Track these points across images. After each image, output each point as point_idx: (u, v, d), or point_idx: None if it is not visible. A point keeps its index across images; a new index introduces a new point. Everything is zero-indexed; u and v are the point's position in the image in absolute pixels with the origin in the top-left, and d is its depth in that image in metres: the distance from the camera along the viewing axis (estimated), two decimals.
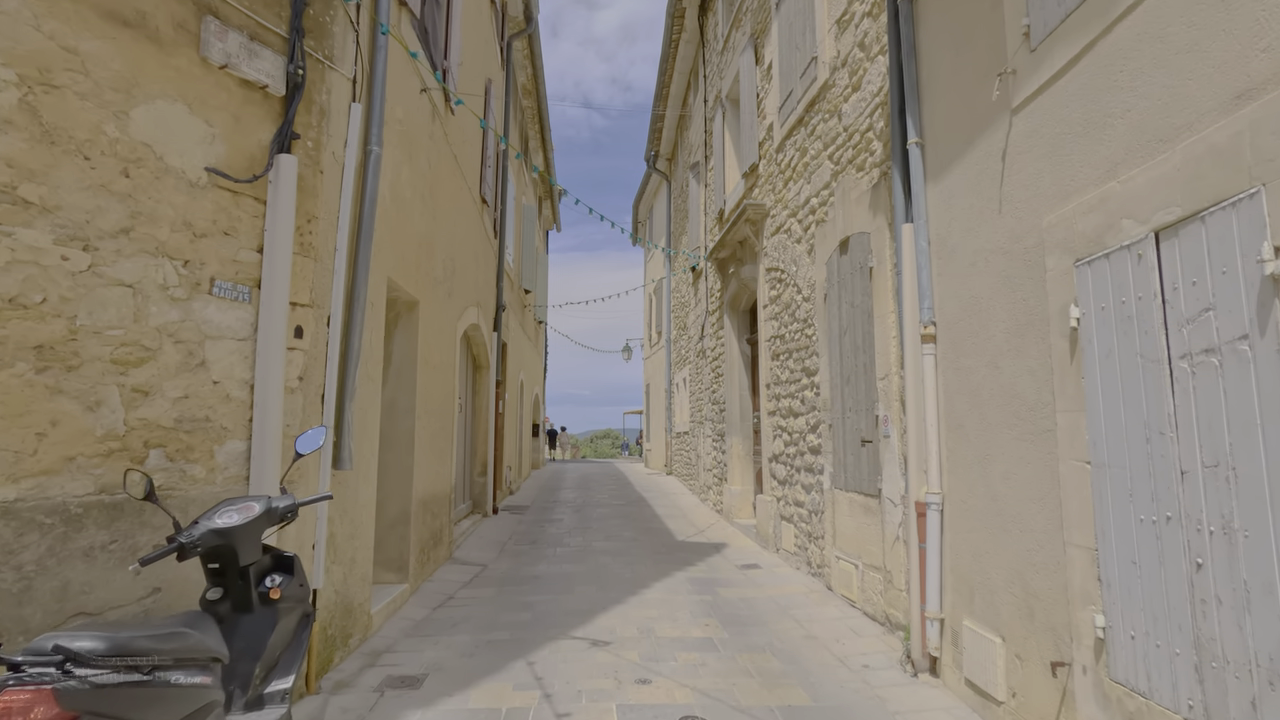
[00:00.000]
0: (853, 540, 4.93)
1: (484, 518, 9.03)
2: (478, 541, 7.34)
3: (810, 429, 5.92)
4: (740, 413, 8.70)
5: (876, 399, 4.58)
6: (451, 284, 6.37)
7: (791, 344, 6.43)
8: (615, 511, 9.86)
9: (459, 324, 6.76)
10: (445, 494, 6.19)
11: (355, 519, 3.88)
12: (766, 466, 7.16)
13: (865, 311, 4.78)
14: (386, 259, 4.36)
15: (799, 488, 6.19)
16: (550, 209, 19.06)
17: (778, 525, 6.74)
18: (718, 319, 9.62)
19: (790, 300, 6.47)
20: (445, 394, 6.18)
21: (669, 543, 7.44)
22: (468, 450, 8.70)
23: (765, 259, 7.28)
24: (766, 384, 7.20)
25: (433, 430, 5.68)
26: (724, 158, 9.26)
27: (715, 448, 9.80)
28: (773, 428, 7.00)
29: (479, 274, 8.11)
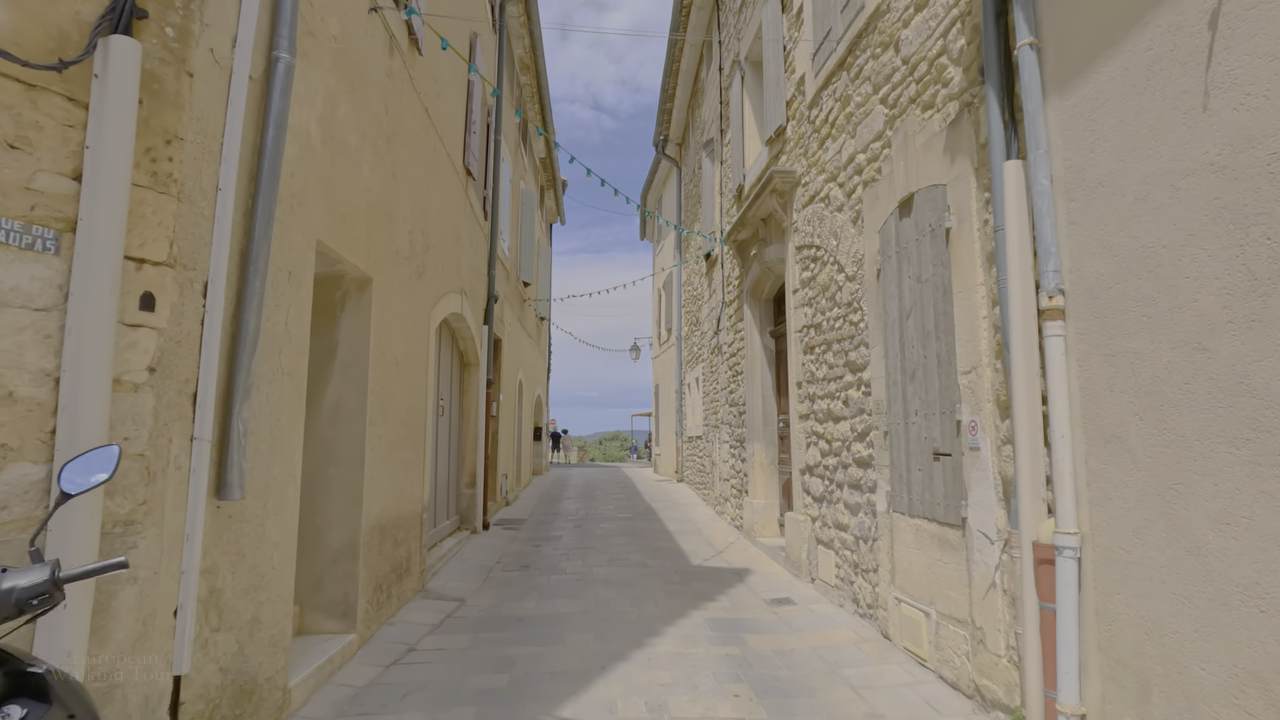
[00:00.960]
0: (921, 580, 3.85)
1: (472, 534, 7.99)
2: (460, 566, 6.29)
3: (856, 436, 4.84)
4: (763, 416, 7.62)
5: (958, 399, 3.50)
6: (422, 263, 5.33)
7: (830, 334, 5.35)
8: (621, 527, 8.80)
9: (434, 312, 5.72)
10: (414, 514, 5.15)
11: (258, 565, 2.83)
12: (798, 479, 6.08)
13: (939, 286, 3.70)
14: (315, 216, 3.32)
15: (841, 507, 5.11)
16: (554, 200, 18.04)
17: (813, 550, 5.66)
18: (736, 310, 8.54)
19: (828, 281, 5.40)
20: (413, 394, 5.14)
21: (683, 568, 6.37)
22: (453, 459, 7.66)
23: (795, 235, 6.20)
24: (798, 382, 6.13)
25: (394, 438, 4.63)
26: (743, 128, 8.19)
27: (733, 455, 8.73)
28: (805, 434, 5.92)
29: (463, 257, 7.07)
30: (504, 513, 10.05)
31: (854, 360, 4.90)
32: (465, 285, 7.20)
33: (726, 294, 9.12)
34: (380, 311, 4.32)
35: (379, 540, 4.34)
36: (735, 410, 8.64)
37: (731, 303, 8.82)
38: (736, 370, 8.59)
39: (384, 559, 4.44)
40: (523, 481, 13.20)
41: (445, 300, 6.17)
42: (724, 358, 9.34)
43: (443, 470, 7.08)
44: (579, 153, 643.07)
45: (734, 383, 8.74)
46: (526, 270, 12.33)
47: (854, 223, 4.93)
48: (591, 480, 16.34)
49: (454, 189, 6.51)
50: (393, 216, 4.56)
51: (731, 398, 8.85)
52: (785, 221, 6.41)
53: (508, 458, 11.03)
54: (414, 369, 5.13)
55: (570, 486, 14.63)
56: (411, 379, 5.06)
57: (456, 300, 6.67)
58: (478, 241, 8.00)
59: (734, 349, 8.71)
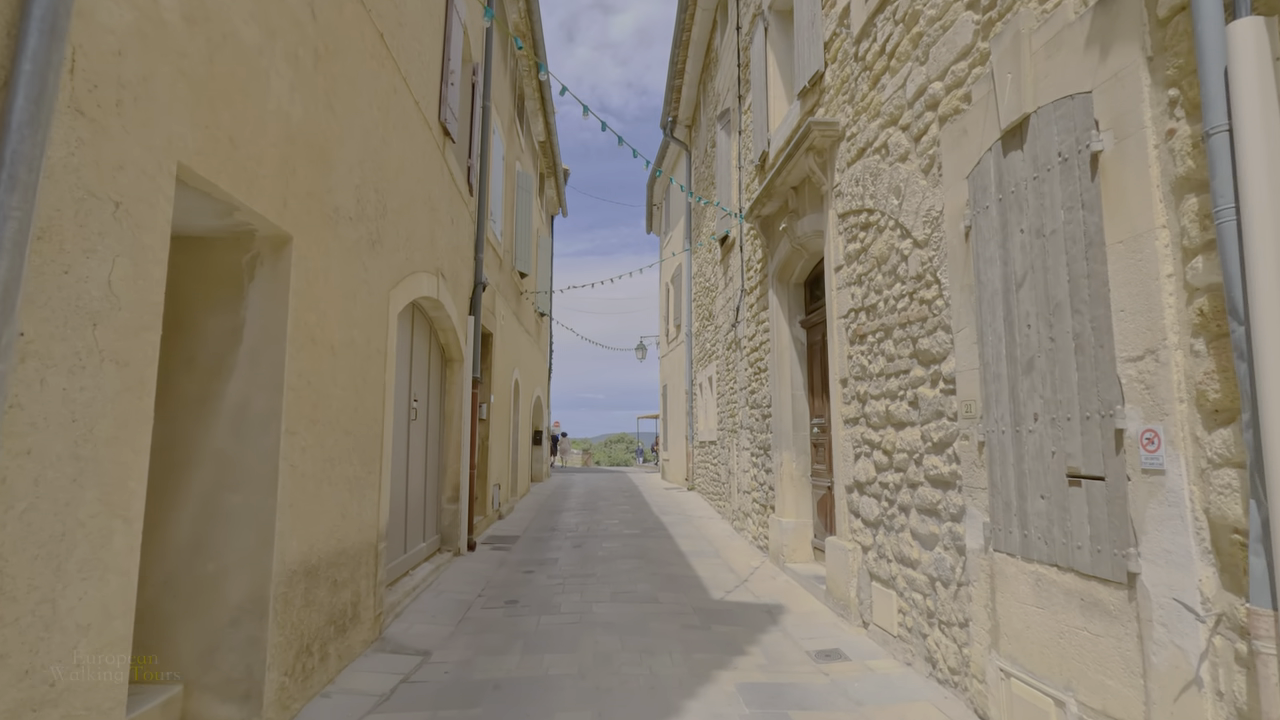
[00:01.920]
0: (1047, 653, 2.75)
1: (455, 557, 6.91)
2: (432, 602, 5.21)
3: (931, 448, 3.74)
4: (793, 420, 6.51)
5: (1118, 398, 2.41)
6: (377, 229, 4.26)
7: (889, 317, 4.25)
8: (627, 546, 7.70)
9: (396, 292, 4.65)
10: (364, 546, 4.07)
11: (37, 669, 1.75)
12: (843, 498, 4.98)
13: (1078, 238, 2.61)
14: (175, 129, 2.24)
15: (907, 537, 4.01)
16: (555, 189, 16.99)
17: (865, 587, 4.56)
18: (759, 297, 7.45)
19: (886, 252, 4.30)
20: (364, 393, 4.06)
21: (702, 603, 5.27)
22: (431, 470, 6.58)
23: (837, 201, 5.11)
24: (842, 379, 5.02)
25: (331, 451, 3.56)
26: (766, 88, 7.10)
27: (755, 464, 7.62)
28: (853, 442, 4.82)
29: (440, 232, 6.00)
30: (495, 528, 8.96)
31: (926, 349, 3.80)
32: (443, 266, 6.12)
33: (746, 280, 8.02)
34: (307, 283, 3.25)
35: (306, 586, 3.26)
36: (758, 413, 7.54)
37: (753, 289, 7.72)
38: (759, 367, 7.49)
39: (314, 610, 3.36)
40: (519, 491, 12.12)
41: (413, 280, 5.09)
42: (743, 353, 8.24)
43: (415, 485, 6.00)
44: (584, 155, 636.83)
45: (756, 381, 7.64)
46: (523, 260, 11.27)
47: (925, 172, 3.84)
48: (595, 488, 15.25)
49: (425, 148, 5.44)
50: (328, 161, 3.48)
51: (753, 398, 7.75)
52: (824, 185, 5.31)
53: (501, 466, 9.95)
54: (365, 362, 4.05)
55: (571, 496, 13.54)
56: (360, 374, 3.98)
57: (430, 282, 5.59)
58: (460, 218, 6.93)
59: (756, 342, 7.61)
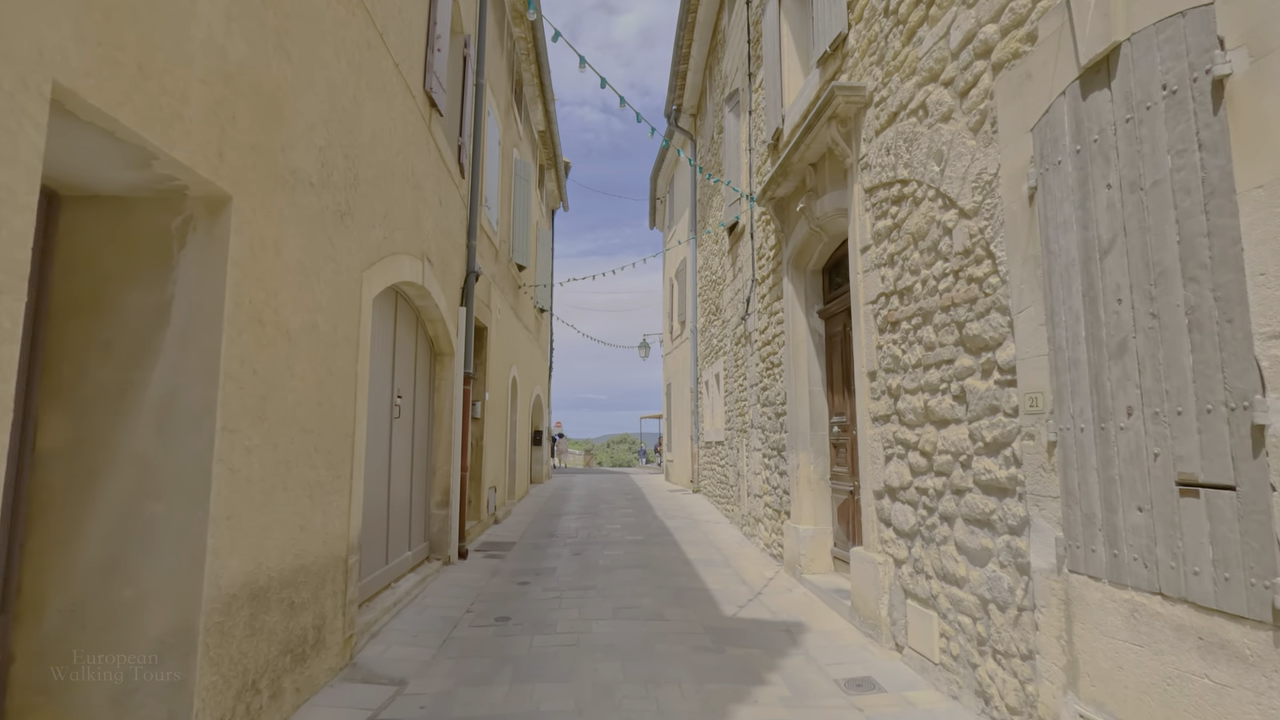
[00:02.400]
0: (1149, 702, 2.23)
1: (444, 566, 6.40)
2: (415, 620, 4.70)
3: (983, 448, 3.22)
4: (810, 418, 5.99)
5: (1256, 387, 1.90)
6: (347, 201, 3.75)
7: (929, 300, 3.74)
8: (630, 554, 7.18)
9: (371, 274, 4.14)
10: (330, 561, 3.56)
11: None
12: (870, 504, 4.46)
13: (1199, 187, 2.09)
14: (49, 37, 1.73)
15: (951, 551, 3.49)
16: (555, 182, 16.49)
17: (898, 605, 4.04)
18: (772, 286, 6.93)
19: (924, 226, 3.78)
20: (329, 386, 3.55)
21: (713, 621, 4.76)
22: (418, 472, 6.07)
23: (864, 174, 4.59)
24: (870, 372, 4.51)
25: (287, 452, 3.05)
26: (780, 60, 6.58)
27: (768, 466, 7.10)
28: (884, 442, 4.30)
29: (425, 213, 5.49)
30: (490, 534, 8.46)
31: (976, 335, 3.28)
32: (429, 250, 5.62)
33: (758, 269, 7.50)
34: (252, 253, 2.74)
35: (251, 612, 2.75)
36: (770, 411, 7.02)
37: (765, 278, 7.21)
38: (771, 362, 6.97)
39: (262, 640, 2.85)
40: (517, 493, 11.61)
41: (393, 262, 4.59)
42: (754, 348, 7.72)
43: (399, 489, 5.49)
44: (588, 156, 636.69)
45: (768, 377, 7.12)
46: (521, 252, 10.76)
47: (974, 131, 3.32)
48: (597, 490, 14.74)
49: (407, 118, 4.93)
50: (280, 112, 2.98)
51: (765, 396, 7.23)
52: (848, 158, 4.79)
53: (497, 467, 9.45)
54: (331, 351, 3.55)
55: (572, 499, 13.02)
56: (325, 364, 3.47)
57: (413, 266, 5.08)
58: (450, 200, 6.42)
59: (768, 335, 7.10)
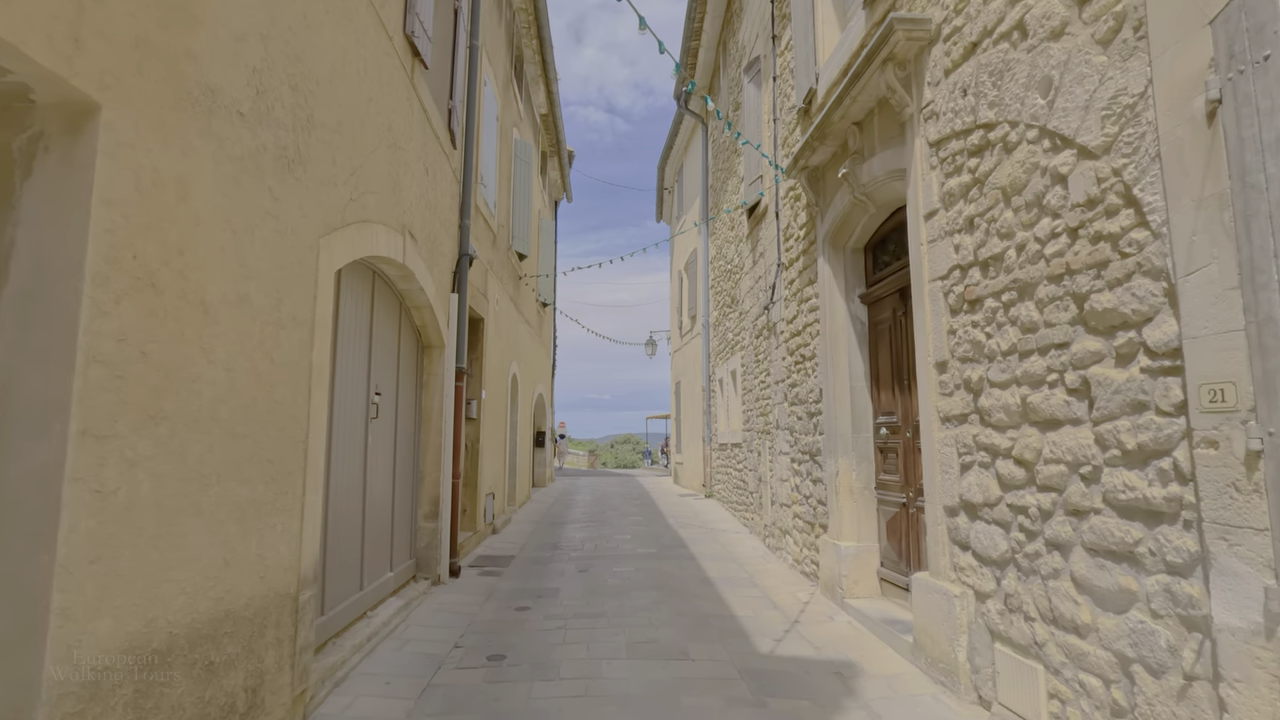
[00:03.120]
0: None
1: (433, 587, 5.64)
2: (391, 659, 3.94)
3: (1121, 456, 2.44)
4: (852, 418, 5.21)
5: None
6: (297, 145, 2.98)
7: (1029, 269, 2.96)
8: (643, 571, 6.41)
9: (331, 242, 3.36)
10: (270, 602, 2.79)
11: None
12: (943, 523, 3.67)
13: None
14: None
15: (1068, 588, 2.71)
16: (558, 171, 15.73)
17: (983, 649, 3.26)
18: (802, 270, 6.15)
19: (1022, 176, 3.00)
20: (271, 378, 2.78)
21: (748, 660, 3.98)
22: (401, 480, 5.30)
23: (929, 125, 3.81)
24: (938, 362, 3.72)
25: (200, 465, 2.28)
26: (813, 11, 5.79)
27: (798, 472, 6.32)
28: (960, 447, 3.51)
29: (408, 180, 4.73)
30: (488, 545, 7.69)
31: (1110, 308, 2.50)
32: (412, 224, 4.85)
33: (785, 252, 6.72)
34: (138, 189, 1.98)
35: (138, 689, 1.99)
36: (801, 410, 6.24)
37: (793, 262, 6.42)
38: (802, 355, 6.19)
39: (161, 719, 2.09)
40: (518, 499, 10.84)
41: (364, 232, 3.82)
42: (779, 340, 6.94)
43: (377, 500, 4.73)
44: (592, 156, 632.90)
45: (798, 372, 6.34)
46: (521, 239, 10.00)
47: (1104, 44, 2.54)
48: (603, 495, 13.97)
49: (381, 62, 4.17)
50: (189, 6, 2.21)
51: (794, 393, 6.44)
52: (908, 107, 4.01)
53: (495, 472, 8.68)
54: (272, 333, 2.78)
55: (576, 505, 12.25)
56: (263, 349, 2.70)
57: (391, 240, 4.32)
58: (438, 170, 5.65)
59: (798, 326, 6.31)
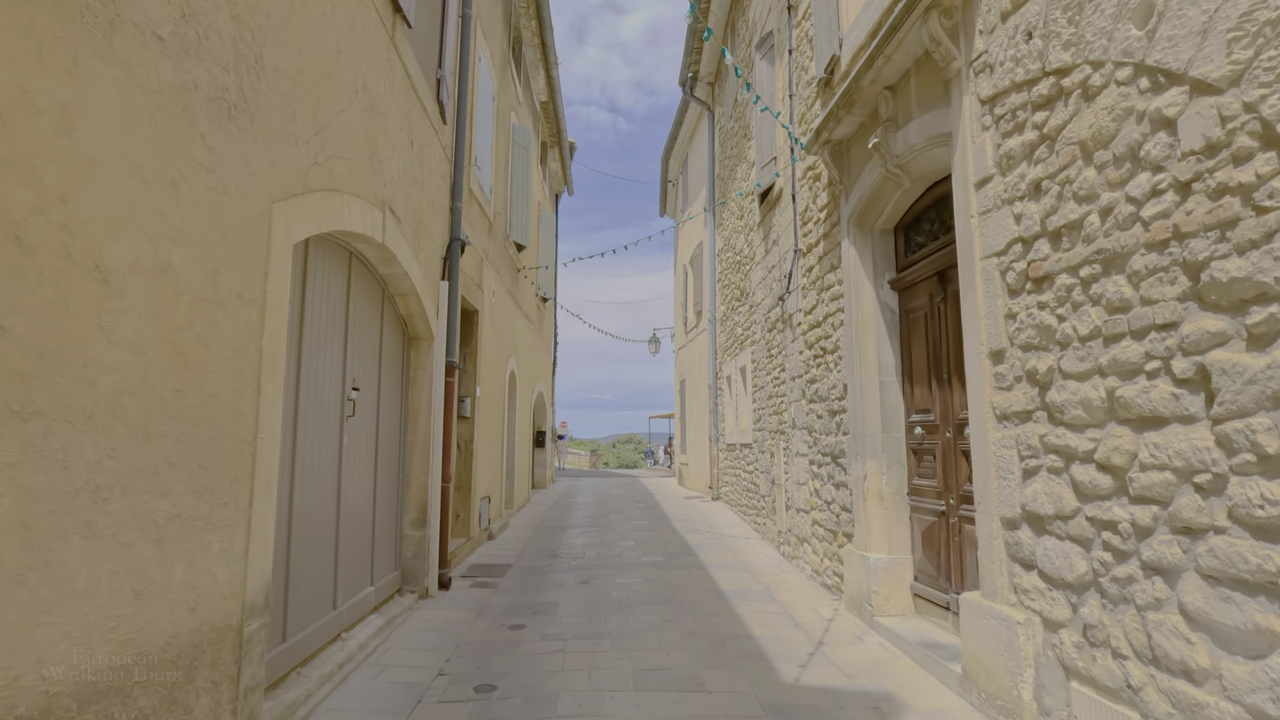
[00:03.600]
0: None
1: (420, 600, 5.15)
2: (363, 692, 3.45)
3: (1256, 464, 1.94)
4: (881, 417, 4.72)
5: None
6: (240, 89, 2.49)
7: (1118, 236, 2.47)
8: (650, 582, 5.92)
9: (289, 209, 2.87)
10: (200, 639, 2.29)
11: None
12: (1000, 536, 3.17)
13: None
14: None
15: (1177, 623, 2.21)
16: (559, 163, 15.25)
17: (1056, 688, 2.76)
18: (823, 256, 5.65)
19: (1110, 123, 2.51)
20: (205, 367, 2.29)
21: (771, 692, 3.49)
22: (383, 485, 4.82)
23: (982, 79, 3.32)
24: (995, 350, 3.22)
25: (95, 474, 1.80)
26: None
27: (818, 475, 5.82)
28: (1022, 449, 3.02)
29: (387, 150, 4.24)
30: (483, 553, 7.20)
31: (1242, 278, 2.00)
32: (394, 200, 4.36)
33: (803, 238, 6.22)
34: None
35: None
36: (821, 408, 5.74)
37: (812, 247, 5.92)
38: (823, 348, 5.69)
39: None
40: (516, 502, 10.36)
41: (332, 202, 3.33)
42: (796, 332, 6.44)
43: (355, 508, 4.24)
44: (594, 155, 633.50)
45: (818, 367, 5.84)
46: (520, 230, 9.51)
47: None
48: (605, 497, 13.48)
49: (355, 10, 3.67)
50: None
51: (813, 390, 5.94)
52: (955, 60, 3.51)
53: (491, 474, 8.19)
54: (205, 311, 2.29)
55: (578, 507, 11.76)
56: (190, 330, 2.22)
57: (367, 215, 3.82)
58: (425, 144, 5.17)
59: (817, 316, 5.81)
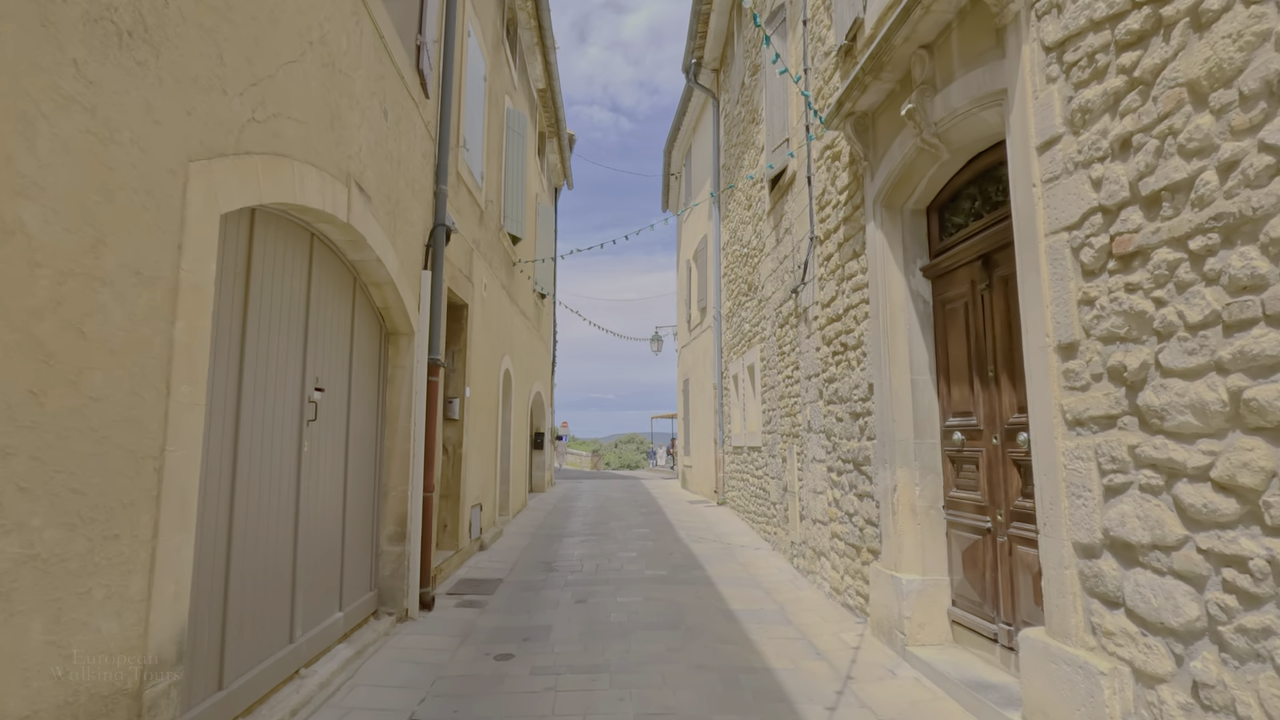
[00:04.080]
0: None
1: (398, 624, 4.64)
2: None
3: None
4: (915, 419, 4.20)
5: None
6: (140, 12, 1.98)
7: (1246, 197, 1.94)
8: (653, 601, 5.41)
9: (212, 168, 2.35)
10: (71, 712, 1.78)
11: None
12: (1072, 565, 2.65)
13: None
14: None
15: None
16: (558, 155, 14.74)
17: None
18: (843, 242, 5.12)
19: (1236, 53, 1.98)
20: (75, 358, 1.78)
21: None
22: (355, 497, 4.31)
23: (1046, 23, 2.79)
24: (1063, 344, 2.70)
25: None
26: None
27: (837, 484, 5.30)
28: (1102, 461, 2.49)
29: (353, 117, 3.72)
30: (473, 565, 6.69)
31: None
32: (362, 175, 3.85)
33: (820, 224, 5.70)
34: None
35: None
36: (842, 410, 5.22)
37: (830, 234, 5.40)
38: (844, 344, 5.17)
39: None
40: (512, 508, 9.84)
41: (277, 168, 2.81)
42: (812, 327, 5.92)
43: (322, 523, 3.73)
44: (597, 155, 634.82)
45: (838, 364, 5.32)
46: (515, 221, 8.99)
47: None
48: (606, 502, 12.97)
49: None
50: None
51: (833, 390, 5.42)
52: (1011, 4, 2.99)
53: (483, 480, 7.68)
54: (81, 290, 1.78)
55: (576, 513, 11.25)
56: (57, 314, 1.71)
57: (328, 189, 3.31)
58: (404, 117, 4.65)
59: (838, 309, 5.29)
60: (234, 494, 2.82)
